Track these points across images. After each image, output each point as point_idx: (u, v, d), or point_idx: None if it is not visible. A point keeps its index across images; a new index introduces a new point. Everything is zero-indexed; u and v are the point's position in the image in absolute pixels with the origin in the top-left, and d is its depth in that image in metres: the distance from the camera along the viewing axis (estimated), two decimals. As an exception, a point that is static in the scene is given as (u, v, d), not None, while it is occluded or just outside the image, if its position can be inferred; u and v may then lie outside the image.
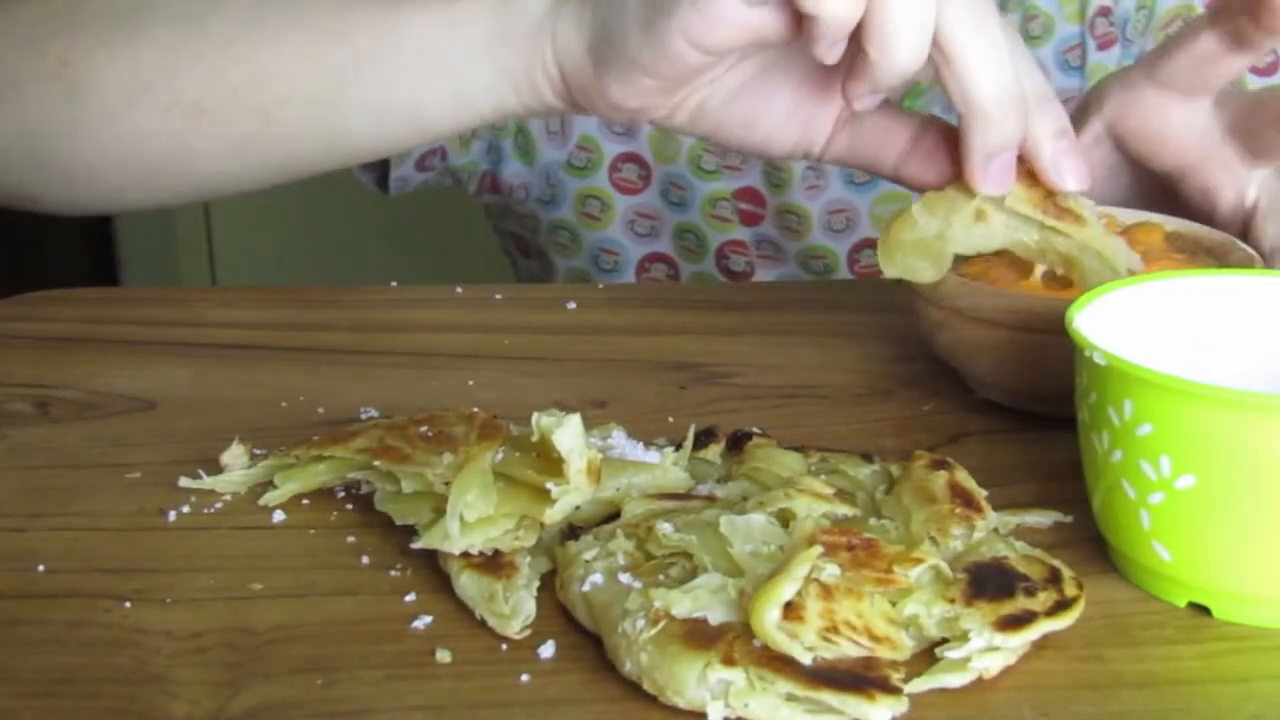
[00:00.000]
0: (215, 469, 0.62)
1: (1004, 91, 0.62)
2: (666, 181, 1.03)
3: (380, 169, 1.04)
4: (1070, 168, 0.65)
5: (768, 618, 0.47)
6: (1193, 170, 0.72)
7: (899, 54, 0.61)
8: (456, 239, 2.24)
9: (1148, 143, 0.73)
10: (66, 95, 0.75)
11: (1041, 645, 0.51)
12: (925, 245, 0.67)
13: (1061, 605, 0.51)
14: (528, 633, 0.51)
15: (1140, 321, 0.59)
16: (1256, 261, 0.68)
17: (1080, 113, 0.76)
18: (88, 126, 0.75)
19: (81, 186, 0.79)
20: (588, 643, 0.51)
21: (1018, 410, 0.69)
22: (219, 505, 0.61)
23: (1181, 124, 0.72)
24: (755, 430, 0.63)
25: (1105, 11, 1.02)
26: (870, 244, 1.02)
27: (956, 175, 0.67)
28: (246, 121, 0.74)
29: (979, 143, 0.64)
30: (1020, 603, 0.50)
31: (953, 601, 0.50)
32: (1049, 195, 0.66)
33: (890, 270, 0.67)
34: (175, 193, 0.80)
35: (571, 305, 0.83)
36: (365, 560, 0.57)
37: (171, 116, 0.74)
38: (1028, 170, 0.66)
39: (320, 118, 0.75)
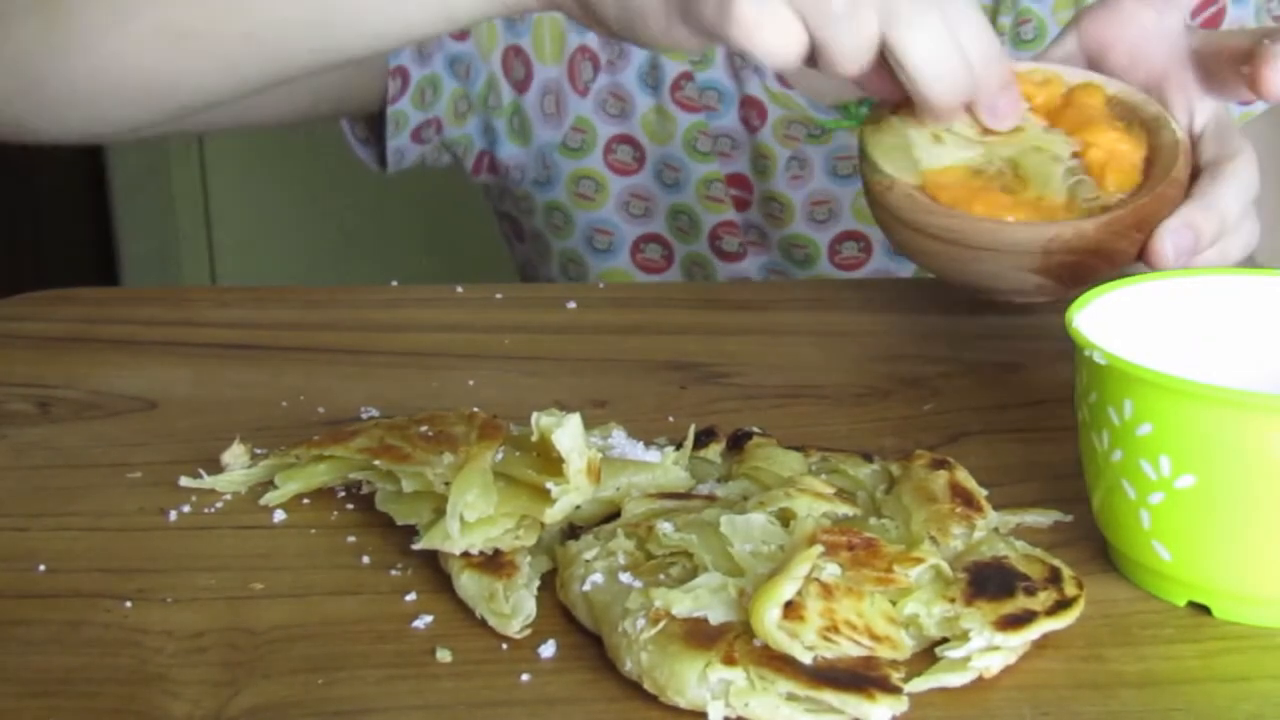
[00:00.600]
0: (216, 469, 0.63)
1: (947, 86, 0.70)
2: (660, 163, 1.03)
3: (378, 144, 1.04)
4: (1008, 111, 0.73)
5: (768, 617, 0.47)
6: (1155, 87, 0.76)
7: (847, 70, 0.69)
8: (456, 238, 2.23)
9: (1123, 55, 0.76)
10: (51, 22, 0.76)
11: (1041, 645, 0.51)
12: (904, 149, 0.74)
13: (1061, 605, 0.51)
14: (528, 632, 0.51)
15: (1140, 321, 0.59)
16: (1182, 146, 0.71)
17: (1060, 37, 0.79)
18: (76, 53, 0.76)
19: (71, 111, 0.80)
20: (588, 642, 0.51)
21: (1019, 409, 0.70)
22: (220, 505, 0.61)
23: (1154, 36, 0.76)
24: (755, 430, 0.63)
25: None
26: (851, 236, 1.03)
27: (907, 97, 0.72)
28: (234, 44, 0.76)
29: (931, 115, 0.72)
30: (1020, 602, 0.50)
31: (953, 601, 0.50)
32: None
33: (886, 165, 0.73)
34: (165, 112, 0.81)
35: (571, 305, 0.83)
36: (366, 560, 0.57)
37: (159, 41, 0.76)
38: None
39: (309, 37, 0.76)
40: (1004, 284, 0.71)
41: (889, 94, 0.73)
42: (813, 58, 0.70)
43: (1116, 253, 0.69)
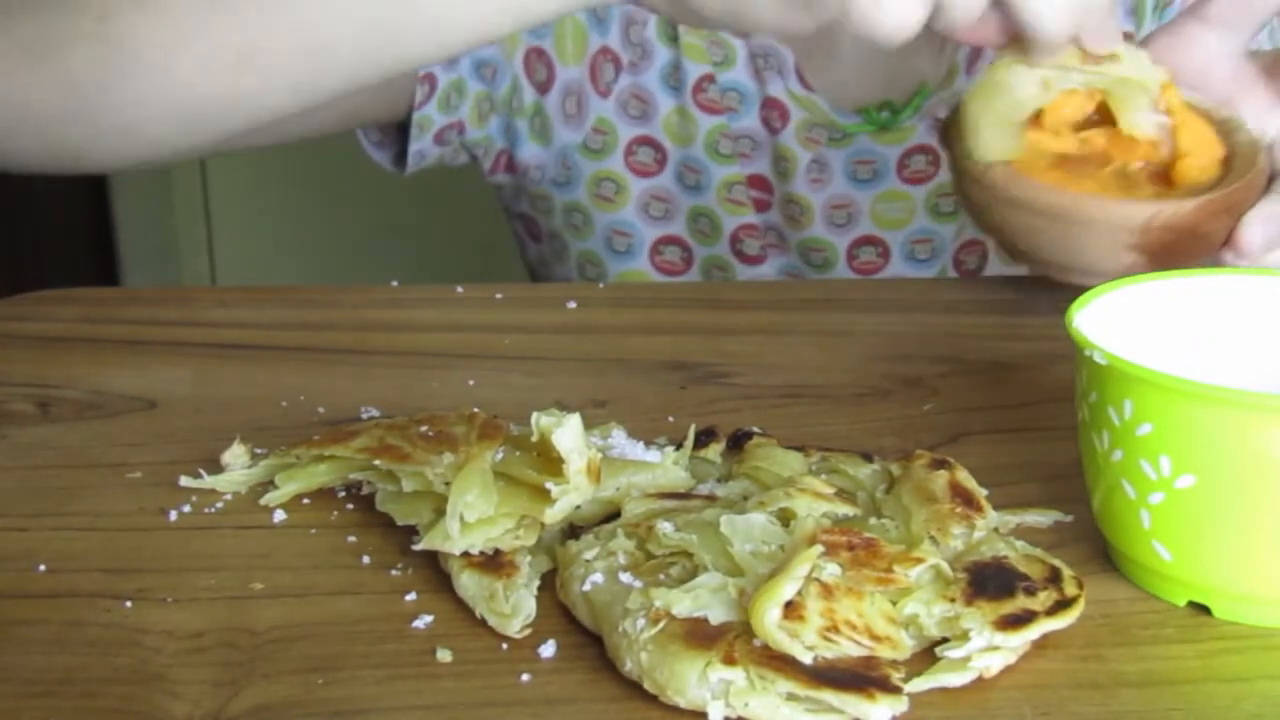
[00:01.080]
0: (216, 468, 0.63)
1: (1062, 22, 0.71)
2: (681, 165, 1.03)
3: (398, 144, 1.04)
4: (1110, 35, 0.74)
5: (768, 617, 0.47)
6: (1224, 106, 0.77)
7: (964, 25, 0.70)
8: (458, 238, 2.24)
9: (1189, 78, 0.77)
10: (109, 52, 0.75)
11: (1041, 644, 0.51)
12: (1006, 124, 0.75)
13: (1061, 604, 0.51)
14: (528, 632, 0.51)
15: (1140, 321, 0.59)
16: (1261, 143, 0.74)
17: None
18: (136, 80, 0.75)
19: (130, 139, 0.78)
20: (588, 642, 0.51)
21: (1019, 409, 0.70)
22: (220, 505, 0.61)
23: (1219, 58, 0.77)
24: (755, 430, 0.63)
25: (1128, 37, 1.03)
26: (869, 240, 1.03)
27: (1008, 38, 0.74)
28: (298, 64, 0.75)
29: (1043, 52, 0.73)
30: (1020, 602, 0.50)
31: (953, 601, 0.50)
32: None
33: (987, 146, 0.75)
34: (225, 133, 0.79)
35: (572, 305, 0.83)
36: (366, 560, 0.57)
37: (220, 66, 0.74)
38: None
39: (376, 53, 0.75)
40: (1097, 262, 0.73)
41: (990, 41, 0.74)
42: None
43: (1209, 234, 0.72)
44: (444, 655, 0.51)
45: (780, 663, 0.47)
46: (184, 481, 0.62)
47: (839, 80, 1.02)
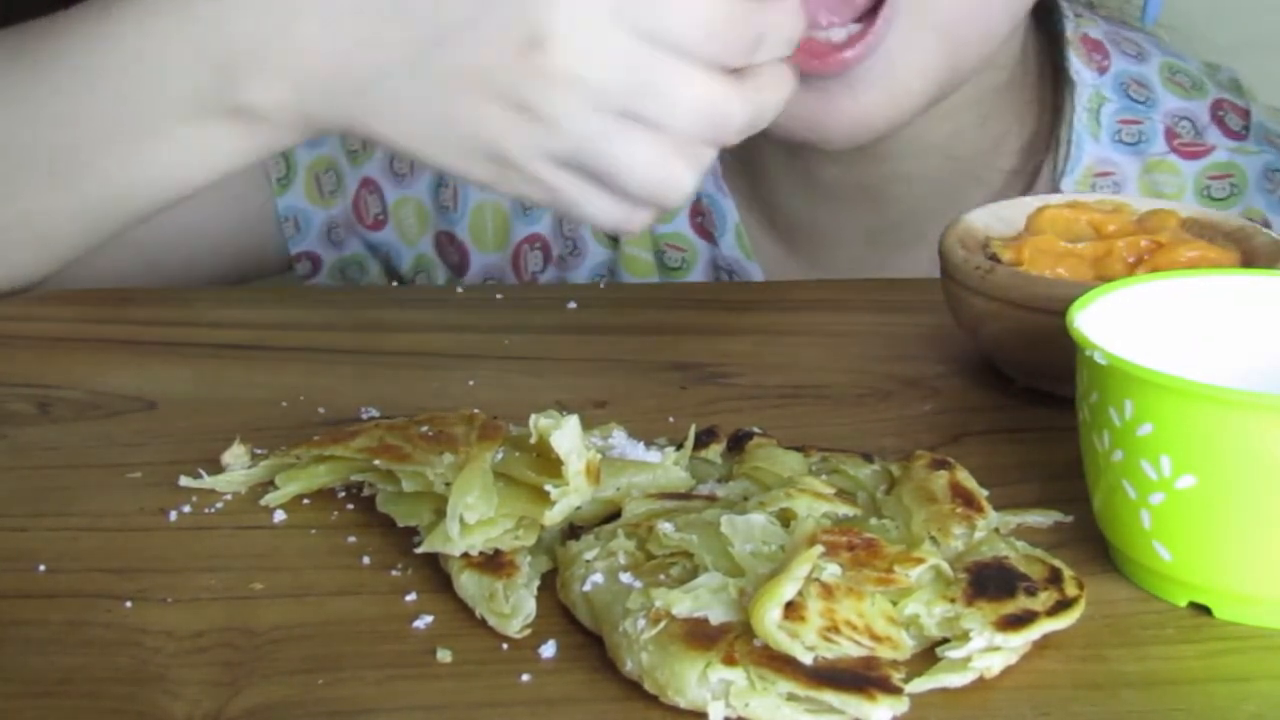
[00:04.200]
0: (216, 469, 0.63)
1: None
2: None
3: None
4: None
5: (768, 617, 0.47)
6: None
7: None
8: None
9: None
10: None
11: (1042, 645, 0.51)
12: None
13: (1062, 605, 0.51)
14: (528, 632, 0.51)
15: (1140, 321, 0.59)
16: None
17: None
18: None
19: None
20: (589, 642, 0.51)
21: (1019, 409, 0.69)
22: (220, 505, 0.61)
23: None
24: (756, 430, 0.63)
25: None
26: None
27: None
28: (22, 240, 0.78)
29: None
30: (1021, 602, 0.50)
31: (953, 601, 0.50)
32: None
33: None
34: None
35: (572, 305, 0.83)
36: (366, 560, 0.57)
37: None
38: None
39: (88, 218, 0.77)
40: None
41: None
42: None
43: None
44: (444, 655, 0.51)
45: (780, 663, 0.47)
46: (184, 481, 0.62)
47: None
